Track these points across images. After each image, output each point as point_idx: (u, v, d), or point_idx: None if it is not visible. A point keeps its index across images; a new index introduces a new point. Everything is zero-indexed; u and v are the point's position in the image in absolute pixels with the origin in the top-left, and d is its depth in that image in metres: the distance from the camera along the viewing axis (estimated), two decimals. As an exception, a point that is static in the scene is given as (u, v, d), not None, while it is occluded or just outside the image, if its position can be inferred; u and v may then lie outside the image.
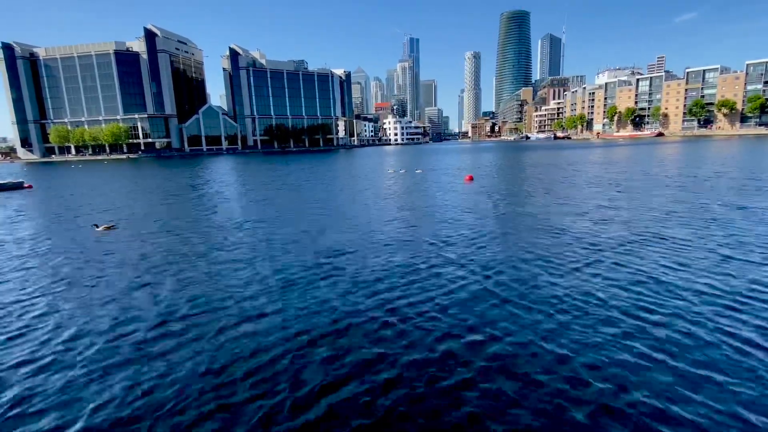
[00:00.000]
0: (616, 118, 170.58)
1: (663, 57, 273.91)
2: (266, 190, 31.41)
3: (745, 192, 20.97)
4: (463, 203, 21.46)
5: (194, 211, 22.43)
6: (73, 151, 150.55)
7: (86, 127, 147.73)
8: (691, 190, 22.32)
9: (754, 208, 16.77)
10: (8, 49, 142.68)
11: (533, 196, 22.87)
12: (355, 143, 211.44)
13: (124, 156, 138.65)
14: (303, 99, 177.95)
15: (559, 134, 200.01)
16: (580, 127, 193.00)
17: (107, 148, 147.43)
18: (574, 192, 23.87)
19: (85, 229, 17.88)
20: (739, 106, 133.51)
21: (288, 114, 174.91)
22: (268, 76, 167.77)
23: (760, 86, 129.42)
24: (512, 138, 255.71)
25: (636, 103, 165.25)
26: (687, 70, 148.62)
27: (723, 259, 10.66)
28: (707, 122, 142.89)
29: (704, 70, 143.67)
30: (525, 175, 35.72)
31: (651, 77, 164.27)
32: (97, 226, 17.68)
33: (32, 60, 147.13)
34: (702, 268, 10.07)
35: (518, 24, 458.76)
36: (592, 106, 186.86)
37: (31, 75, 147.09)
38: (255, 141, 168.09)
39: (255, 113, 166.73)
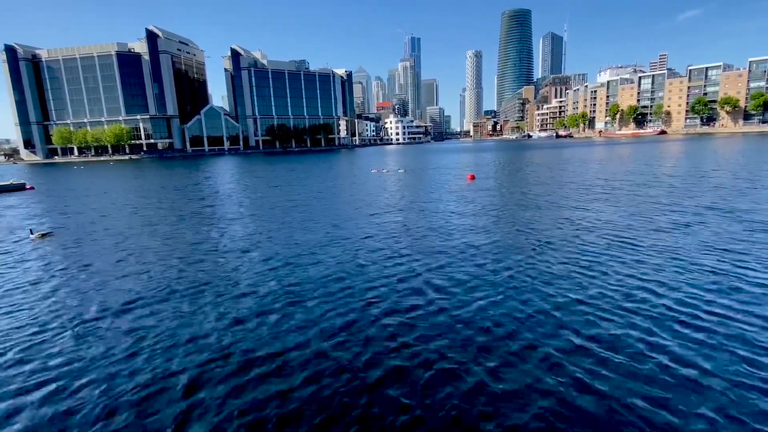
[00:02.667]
0: (618, 116, 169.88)
1: (665, 55, 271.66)
2: (255, 191, 31.53)
3: (729, 194, 20.89)
4: (453, 205, 21.46)
5: (160, 215, 22.33)
6: (75, 152, 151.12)
7: (89, 128, 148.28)
8: (686, 193, 22.25)
9: (733, 211, 16.72)
10: (11, 51, 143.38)
11: (529, 200, 22.84)
12: (357, 143, 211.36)
13: (126, 157, 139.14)
14: (304, 99, 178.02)
15: (561, 133, 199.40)
16: (582, 125, 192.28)
17: (109, 149, 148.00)
18: (569, 194, 23.82)
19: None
20: (742, 104, 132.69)
21: (289, 114, 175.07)
22: (270, 76, 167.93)
23: (763, 83, 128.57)
24: (514, 137, 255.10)
25: (638, 101, 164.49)
26: (689, 68, 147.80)
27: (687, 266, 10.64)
28: (710, 120, 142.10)
29: (707, 68, 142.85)
30: (523, 176, 35.67)
31: (653, 75, 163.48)
32: (32, 233, 17.28)
33: (35, 62, 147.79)
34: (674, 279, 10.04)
35: (520, 22, 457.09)
36: (594, 105, 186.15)
37: (33, 77, 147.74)
38: (257, 141, 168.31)
39: (256, 113, 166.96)
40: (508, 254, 11.85)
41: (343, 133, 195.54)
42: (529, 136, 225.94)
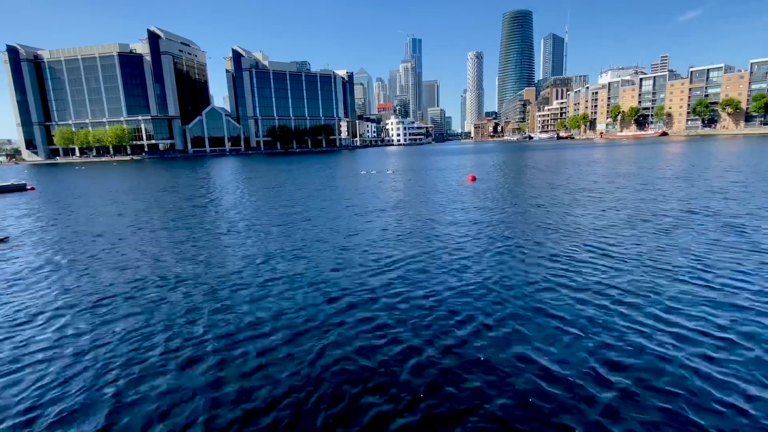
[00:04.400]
0: (619, 117, 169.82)
1: (666, 56, 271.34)
2: (251, 192, 31.54)
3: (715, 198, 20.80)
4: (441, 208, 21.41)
5: (145, 218, 22.12)
6: (77, 152, 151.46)
7: (90, 128, 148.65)
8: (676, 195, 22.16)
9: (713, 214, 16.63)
10: (13, 51, 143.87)
11: (527, 201, 22.79)
12: (358, 144, 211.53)
13: (128, 158, 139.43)
14: (305, 100, 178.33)
15: (562, 134, 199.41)
16: (583, 127, 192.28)
17: (111, 150, 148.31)
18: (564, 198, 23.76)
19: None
20: (743, 105, 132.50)
21: (290, 115, 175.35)
22: (271, 77, 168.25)
23: (764, 85, 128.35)
24: (515, 138, 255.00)
25: (639, 102, 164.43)
26: (691, 69, 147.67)
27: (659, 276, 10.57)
28: (711, 121, 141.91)
29: (708, 69, 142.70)
30: (524, 178, 35.60)
31: (654, 76, 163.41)
32: None
33: (36, 62, 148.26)
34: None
35: (521, 24, 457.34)
36: (596, 106, 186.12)
37: (35, 77, 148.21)
38: (258, 142, 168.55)
39: (258, 114, 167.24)
40: (495, 255, 11.84)
41: (344, 134, 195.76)
42: (530, 138, 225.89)
